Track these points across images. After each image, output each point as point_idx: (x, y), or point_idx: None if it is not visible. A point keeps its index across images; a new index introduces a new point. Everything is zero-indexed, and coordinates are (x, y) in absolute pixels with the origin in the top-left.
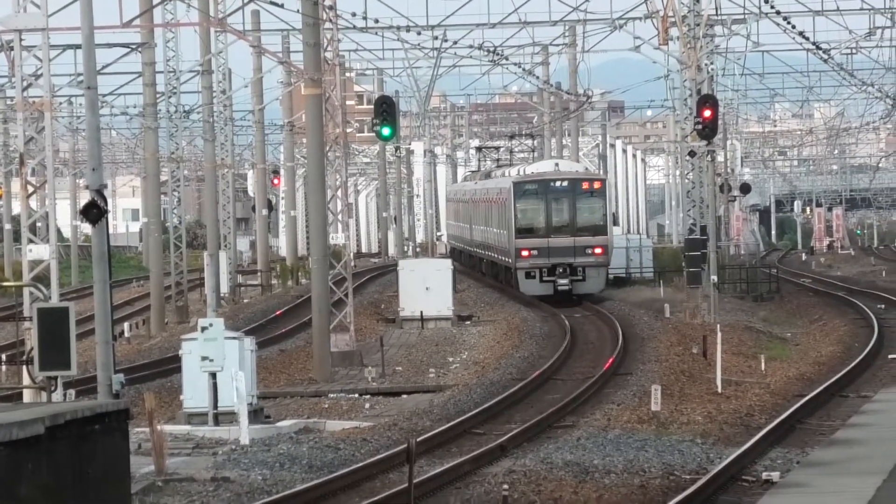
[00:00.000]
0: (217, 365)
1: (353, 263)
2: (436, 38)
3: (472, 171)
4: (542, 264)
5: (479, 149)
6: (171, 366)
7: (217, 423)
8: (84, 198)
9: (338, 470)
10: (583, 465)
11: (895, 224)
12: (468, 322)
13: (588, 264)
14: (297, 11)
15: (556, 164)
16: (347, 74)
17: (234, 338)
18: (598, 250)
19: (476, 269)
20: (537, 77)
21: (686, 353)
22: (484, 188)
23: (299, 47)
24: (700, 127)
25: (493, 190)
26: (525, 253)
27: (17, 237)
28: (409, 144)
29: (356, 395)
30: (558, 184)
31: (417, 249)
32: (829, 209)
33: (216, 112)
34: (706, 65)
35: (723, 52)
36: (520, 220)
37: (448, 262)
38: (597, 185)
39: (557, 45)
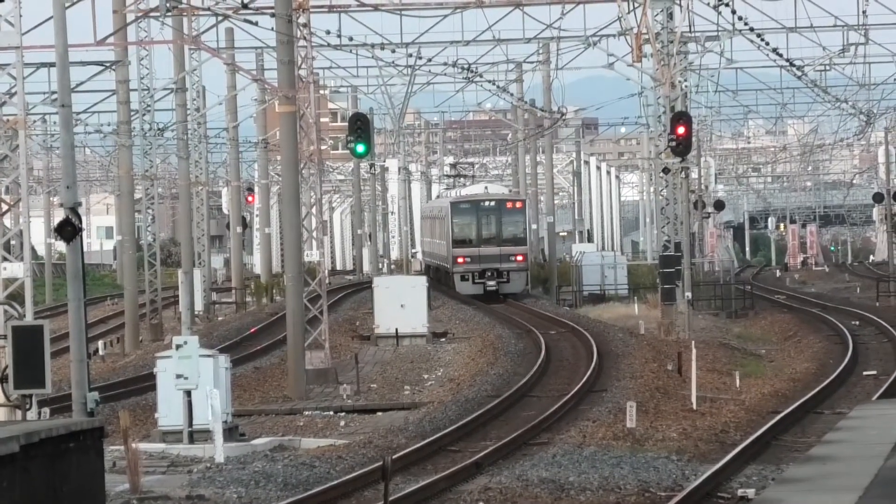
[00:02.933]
0: (192, 383)
1: (327, 281)
2: (410, 55)
3: (439, 193)
4: (474, 269)
5: (449, 176)
6: (145, 384)
7: (192, 440)
8: (58, 216)
9: (313, 488)
10: (558, 482)
11: (869, 240)
12: (443, 339)
13: (511, 269)
14: (272, 29)
15: (486, 188)
16: (322, 92)
17: (208, 355)
18: (519, 257)
19: (426, 274)
20: (511, 94)
21: (661, 370)
22: (431, 207)
23: (273, 65)
24: (674, 144)
25: (436, 209)
26: (460, 260)
27: None
28: (384, 161)
29: (331, 413)
30: (487, 203)
31: (392, 266)
32: (803, 226)
33: (190, 129)
34: (680, 82)
35: (696, 69)
36: (456, 233)
37: (423, 280)
38: (518, 204)
39: (531, 63)
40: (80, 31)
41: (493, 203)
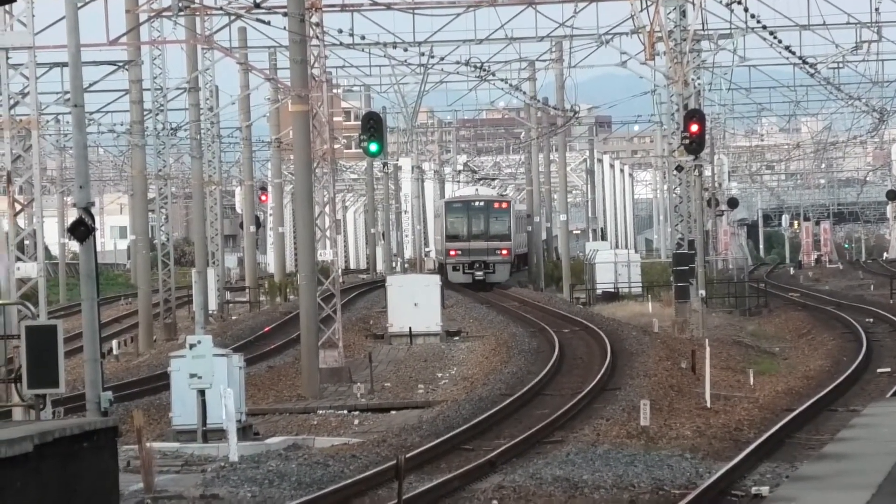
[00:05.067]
0: (206, 382)
1: (341, 280)
2: (423, 54)
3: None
4: (464, 261)
5: (480, 179)
6: (159, 383)
7: (206, 440)
8: (71, 215)
9: (327, 486)
10: (572, 481)
11: (883, 238)
12: (457, 338)
13: (497, 261)
14: (284, 28)
15: (476, 190)
16: (334, 91)
17: (222, 355)
18: (504, 251)
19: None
20: (524, 93)
21: (674, 368)
22: (436, 207)
23: (286, 64)
24: (687, 142)
25: (438, 208)
26: (452, 253)
27: None
28: (397, 160)
29: (345, 412)
30: (477, 203)
31: (406, 265)
32: (817, 223)
33: (203, 129)
34: (693, 80)
35: (709, 67)
36: (449, 229)
37: (436, 278)
38: (504, 205)
39: (544, 61)
40: (93, 30)
41: (482, 203)
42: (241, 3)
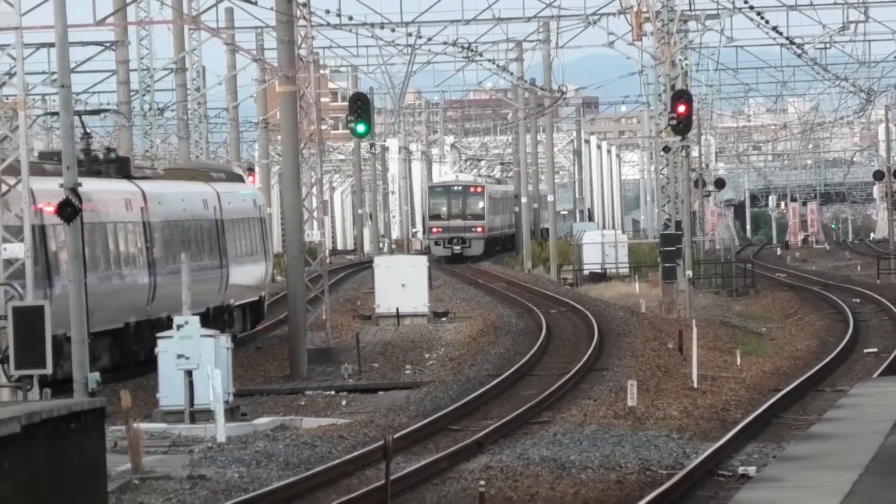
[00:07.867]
0: (193, 363)
1: (328, 260)
2: (410, 34)
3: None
4: (444, 237)
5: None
6: (147, 364)
7: (193, 420)
8: (59, 196)
9: (314, 467)
10: (559, 461)
11: (870, 218)
12: (444, 318)
13: (473, 237)
14: (271, 9)
15: (457, 176)
16: (322, 71)
17: (209, 335)
18: (479, 229)
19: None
20: (511, 73)
21: (662, 349)
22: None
23: (273, 44)
24: (674, 122)
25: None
26: (434, 230)
27: None
28: (384, 141)
29: (332, 392)
30: (455, 188)
31: (393, 246)
32: (804, 204)
33: (190, 110)
34: (680, 60)
35: (697, 48)
36: (431, 210)
37: (423, 259)
38: (479, 189)
39: (531, 42)
40: (80, 11)
41: (460, 187)
42: None
